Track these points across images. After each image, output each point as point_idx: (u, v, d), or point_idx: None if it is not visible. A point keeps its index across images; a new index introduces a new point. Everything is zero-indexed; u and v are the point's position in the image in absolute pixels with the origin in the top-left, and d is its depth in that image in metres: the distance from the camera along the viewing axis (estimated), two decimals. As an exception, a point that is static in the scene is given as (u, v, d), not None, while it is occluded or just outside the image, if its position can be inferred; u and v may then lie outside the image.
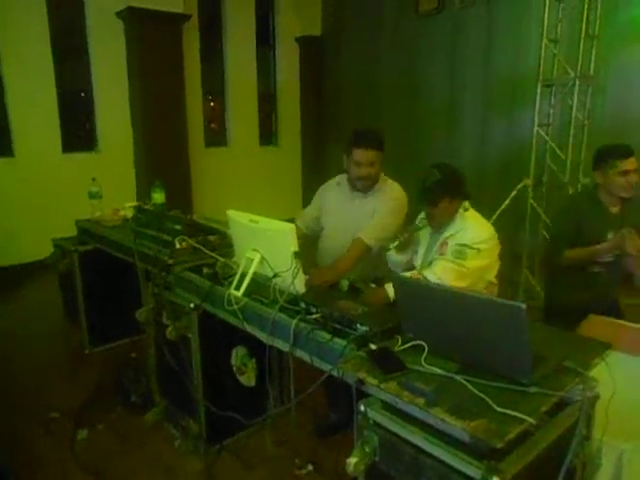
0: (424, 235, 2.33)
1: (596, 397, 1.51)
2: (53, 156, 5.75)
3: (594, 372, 1.53)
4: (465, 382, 1.37)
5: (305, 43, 8.10)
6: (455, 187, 2.16)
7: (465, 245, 2.10)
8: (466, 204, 2.21)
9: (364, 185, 2.50)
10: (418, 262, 2.32)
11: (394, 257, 2.37)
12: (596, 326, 2.40)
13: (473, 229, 2.15)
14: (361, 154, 2.41)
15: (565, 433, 1.41)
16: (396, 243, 2.19)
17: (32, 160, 5.55)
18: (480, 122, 6.56)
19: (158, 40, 6.02)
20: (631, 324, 2.42)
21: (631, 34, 5.10)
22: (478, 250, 2.09)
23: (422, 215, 2.33)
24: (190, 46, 6.60)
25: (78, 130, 6.28)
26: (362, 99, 7.82)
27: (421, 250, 2.33)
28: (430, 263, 2.21)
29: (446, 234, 2.19)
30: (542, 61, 4.51)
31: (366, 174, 2.44)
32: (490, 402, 1.27)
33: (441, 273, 2.08)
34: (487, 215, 2.43)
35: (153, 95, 6.09)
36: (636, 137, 5.13)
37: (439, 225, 2.22)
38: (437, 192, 2.11)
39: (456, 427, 1.21)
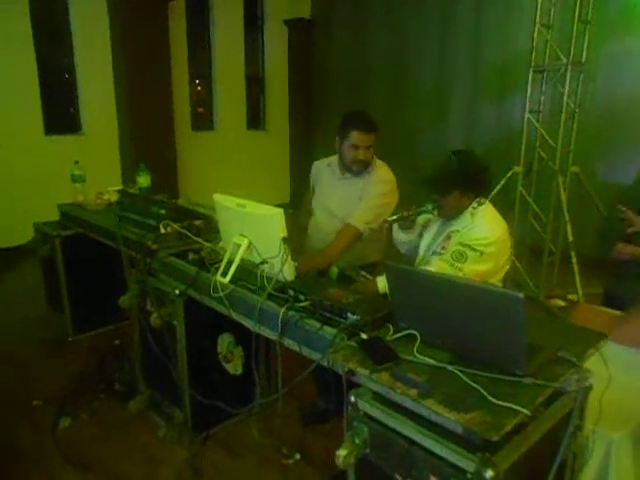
0: (435, 221, 2.20)
1: (590, 388, 1.49)
2: (35, 138, 5.60)
3: (589, 362, 1.51)
4: (459, 373, 1.33)
5: (294, 25, 7.96)
6: (469, 181, 2.01)
7: (467, 246, 1.94)
8: (481, 199, 2.06)
9: (359, 168, 2.46)
10: (422, 248, 2.21)
11: (397, 234, 2.30)
12: (589, 314, 2.38)
13: (481, 229, 1.99)
14: (360, 137, 2.37)
15: (558, 424, 1.39)
16: (394, 217, 2.11)
17: (13, 142, 5.38)
18: (469, 107, 6.53)
19: (143, 21, 5.85)
20: (624, 314, 2.40)
21: (623, 21, 5.09)
22: (481, 253, 1.93)
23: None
24: (176, 28, 6.44)
25: (61, 112, 6.11)
26: (351, 82, 7.75)
27: (428, 236, 2.20)
28: (432, 253, 2.12)
29: (453, 228, 2.06)
30: (534, 46, 4.46)
31: (363, 157, 2.41)
32: (484, 393, 1.24)
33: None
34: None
35: (138, 77, 5.94)
36: (626, 124, 5.15)
37: (447, 216, 2.10)
38: (448, 182, 1.99)
39: (450, 419, 1.18)
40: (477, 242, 1.95)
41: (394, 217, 2.13)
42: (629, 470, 2.00)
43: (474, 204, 2.05)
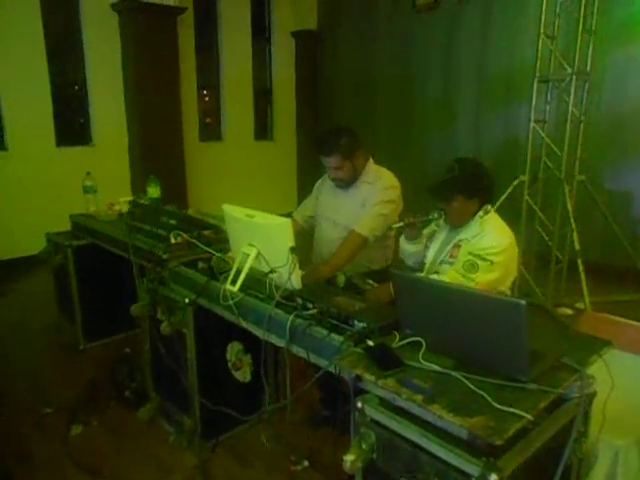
0: (441, 230, 2.22)
1: (593, 394, 1.51)
2: (47, 150, 5.70)
3: (593, 369, 1.53)
4: (463, 379, 1.36)
5: (301, 37, 8.06)
6: (472, 187, 2.04)
7: (477, 256, 1.97)
8: (488, 207, 2.09)
9: (339, 185, 2.53)
10: (429, 258, 2.21)
11: (404, 245, 2.32)
12: (596, 322, 2.39)
13: (490, 237, 2.02)
14: (324, 160, 2.45)
15: (562, 430, 1.41)
16: (401, 224, 2.14)
17: (26, 154, 5.49)
18: (475, 117, 6.57)
19: (153, 33, 5.98)
20: (632, 322, 2.41)
21: (628, 30, 5.11)
22: (491, 262, 1.97)
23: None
24: (185, 40, 6.54)
25: (72, 124, 6.21)
26: (357, 93, 7.81)
27: (435, 245, 2.21)
28: (441, 262, 2.13)
29: (461, 236, 2.09)
30: (539, 57, 4.50)
31: (334, 177, 2.49)
32: (488, 399, 1.27)
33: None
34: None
35: (148, 89, 6.04)
36: (632, 132, 5.17)
37: (454, 223, 2.12)
38: (451, 189, 2.02)
39: (455, 424, 1.21)
40: (487, 251, 1.98)
41: (400, 223, 2.16)
42: (636, 477, 2.01)
43: (481, 212, 2.08)
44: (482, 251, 1.99)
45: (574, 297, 4.42)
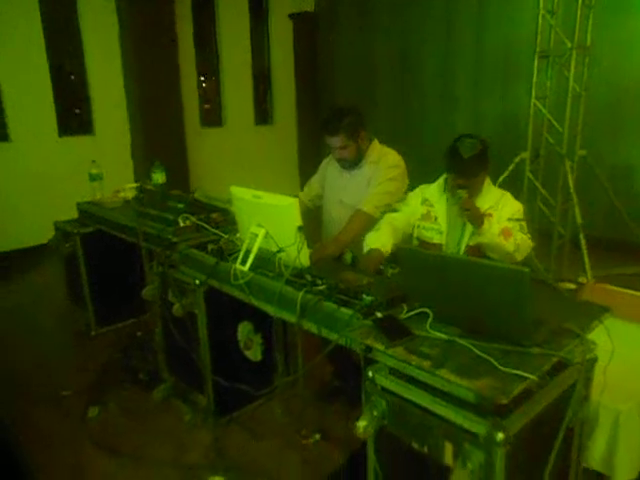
0: (440, 209, 2.22)
1: (594, 359, 1.57)
2: (49, 140, 5.73)
3: (594, 336, 1.59)
4: (469, 345, 1.42)
5: (298, 19, 8.00)
6: (488, 158, 2.11)
7: (517, 220, 2.10)
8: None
9: (343, 165, 2.55)
10: (451, 242, 2.19)
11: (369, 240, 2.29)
12: (597, 293, 2.45)
13: (511, 200, 2.16)
14: (328, 140, 2.46)
15: (565, 393, 1.47)
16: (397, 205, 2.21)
17: (29, 145, 5.53)
18: (475, 95, 6.56)
19: (151, 19, 5.95)
20: (631, 291, 2.47)
21: (627, 4, 5.08)
22: (525, 220, 2.13)
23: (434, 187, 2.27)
24: (183, 26, 6.52)
25: (73, 114, 6.23)
26: (357, 74, 7.79)
27: (442, 223, 2.21)
28: (468, 236, 2.14)
29: (484, 206, 2.11)
30: (539, 32, 4.49)
31: (339, 157, 2.50)
32: (494, 363, 1.32)
33: (520, 243, 2.04)
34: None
35: (147, 76, 6.04)
36: (633, 106, 5.16)
37: (474, 196, 2.13)
38: (479, 164, 2.07)
39: (462, 386, 1.26)
40: (520, 212, 2.13)
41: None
42: (637, 440, 2.07)
43: (488, 180, 2.18)
44: (516, 214, 2.12)
45: (577, 272, 4.47)
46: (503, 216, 2.10)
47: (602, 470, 2.11)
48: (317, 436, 2.55)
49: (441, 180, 2.25)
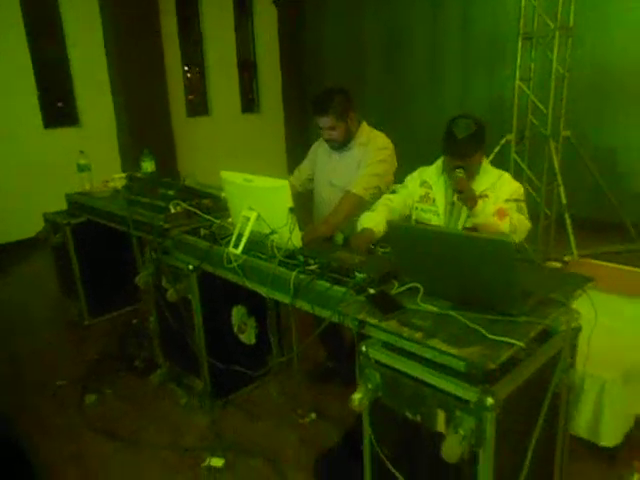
0: (438, 191, 2.21)
1: (579, 328, 1.63)
2: (35, 132, 5.67)
3: (578, 307, 1.64)
4: (459, 316, 1.47)
5: (282, 5, 7.94)
6: (483, 138, 2.08)
7: (516, 200, 2.06)
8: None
9: (332, 146, 2.58)
10: (441, 218, 2.18)
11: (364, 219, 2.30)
12: (581, 268, 2.52)
13: (510, 180, 2.13)
14: (318, 120, 2.48)
15: (551, 360, 1.53)
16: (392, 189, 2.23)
17: (14, 137, 5.46)
18: (462, 76, 6.59)
19: (135, 10, 5.88)
20: (614, 265, 2.53)
21: (609, -16, 5.12)
22: (522, 201, 2.09)
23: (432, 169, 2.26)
24: (167, 15, 6.46)
25: (58, 106, 6.16)
26: (345, 57, 7.78)
27: (440, 205, 2.19)
28: (465, 217, 2.11)
29: (480, 188, 2.09)
30: (522, 14, 4.53)
31: (328, 137, 2.52)
32: (483, 331, 1.37)
33: (517, 224, 2.00)
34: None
35: (131, 67, 5.98)
36: (616, 87, 5.23)
37: (472, 177, 2.11)
38: (474, 144, 2.04)
39: (453, 354, 1.31)
40: (519, 193, 2.10)
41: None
42: (621, 407, 2.16)
43: (485, 160, 2.15)
44: (515, 194, 2.08)
45: (563, 251, 4.55)
46: (501, 197, 2.06)
47: (588, 437, 2.20)
48: (313, 415, 2.60)
49: (439, 162, 2.24)
